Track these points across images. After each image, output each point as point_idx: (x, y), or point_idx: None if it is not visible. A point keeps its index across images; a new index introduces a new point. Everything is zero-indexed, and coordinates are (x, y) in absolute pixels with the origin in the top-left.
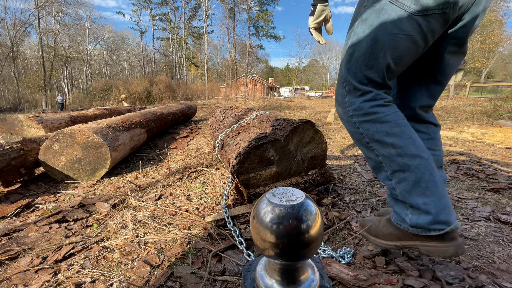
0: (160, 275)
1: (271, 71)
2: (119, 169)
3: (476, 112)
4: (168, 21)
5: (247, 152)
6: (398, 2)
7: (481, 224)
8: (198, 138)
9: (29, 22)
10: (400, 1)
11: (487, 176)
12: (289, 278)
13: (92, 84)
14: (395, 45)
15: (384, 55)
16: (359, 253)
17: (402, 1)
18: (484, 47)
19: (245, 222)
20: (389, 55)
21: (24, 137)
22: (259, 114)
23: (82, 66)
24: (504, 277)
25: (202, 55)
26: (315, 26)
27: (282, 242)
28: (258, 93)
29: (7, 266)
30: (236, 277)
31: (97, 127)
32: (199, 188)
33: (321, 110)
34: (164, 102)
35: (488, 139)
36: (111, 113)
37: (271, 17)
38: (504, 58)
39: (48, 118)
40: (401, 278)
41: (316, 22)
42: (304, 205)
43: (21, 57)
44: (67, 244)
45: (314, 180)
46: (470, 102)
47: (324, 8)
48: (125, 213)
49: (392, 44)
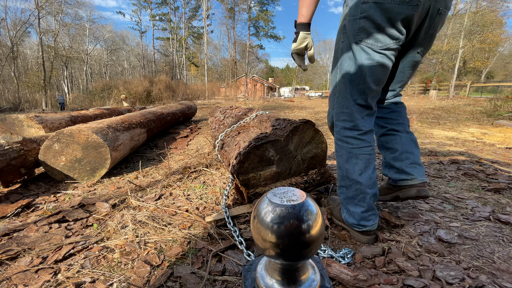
0: (160, 275)
1: (271, 71)
2: (119, 169)
3: (476, 112)
4: (168, 21)
5: (247, 152)
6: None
7: (481, 224)
8: (198, 138)
9: (29, 22)
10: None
11: (487, 176)
12: (290, 278)
13: (92, 84)
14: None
15: (364, 82)
16: (359, 253)
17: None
18: (484, 47)
19: (245, 222)
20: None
21: (24, 137)
22: (259, 114)
23: (82, 66)
24: (504, 277)
25: (202, 55)
26: (298, 52)
27: (283, 242)
28: (258, 93)
29: (7, 266)
30: (236, 277)
31: (97, 127)
32: (199, 188)
33: (321, 110)
34: (164, 102)
35: (488, 139)
36: (111, 113)
37: (271, 17)
38: (504, 58)
39: (48, 118)
40: (401, 278)
41: (298, 49)
42: (305, 205)
43: (21, 57)
44: (67, 244)
45: (314, 180)
46: (470, 102)
47: (306, 36)
48: (125, 213)
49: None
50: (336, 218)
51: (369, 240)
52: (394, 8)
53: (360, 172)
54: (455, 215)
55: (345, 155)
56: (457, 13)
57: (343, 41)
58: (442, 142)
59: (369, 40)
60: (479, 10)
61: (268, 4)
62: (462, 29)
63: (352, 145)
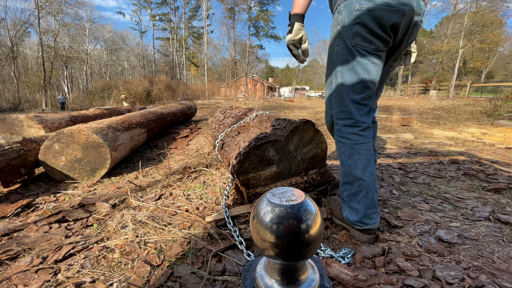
0: (160, 275)
1: (271, 71)
2: (119, 169)
3: (476, 112)
4: (168, 21)
5: (247, 152)
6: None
7: (481, 224)
8: (198, 138)
9: (29, 22)
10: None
11: (487, 176)
12: (289, 278)
13: (92, 84)
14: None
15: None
16: (359, 253)
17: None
18: (484, 47)
19: (245, 222)
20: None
21: (24, 137)
22: (259, 114)
23: (82, 66)
24: (504, 277)
25: (202, 55)
26: (293, 43)
27: (282, 242)
28: (258, 93)
29: (7, 266)
30: (236, 277)
31: (97, 127)
32: (199, 188)
33: (321, 110)
34: (164, 102)
35: (488, 139)
36: (111, 113)
37: (271, 17)
38: (504, 58)
39: (48, 118)
40: (401, 278)
41: (294, 40)
42: (304, 205)
43: (21, 57)
44: (67, 244)
45: (314, 180)
46: (470, 102)
47: (301, 27)
48: (125, 213)
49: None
50: (336, 217)
51: (370, 240)
52: (385, 15)
53: (363, 168)
54: (455, 215)
55: (347, 152)
56: (457, 13)
57: (338, 45)
58: (442, 142)
59: (363, 43)
60: (479, 10)
61: (268, 4)
62: (462, 29)
63: (354, 141)
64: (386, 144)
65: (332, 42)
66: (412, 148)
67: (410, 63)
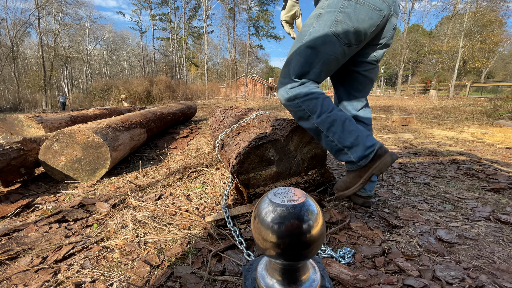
0: (160, 275)
1: (271, 71)
2: (119, 169)
3: (476, 112)
4: (168, 21)
5: (247, 152)
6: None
7: (481, 224)
8: (198, 138)
9: (29, 22)
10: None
11: (487, 176)
12: (290, 278)
13: (92, 84)
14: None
15: (319, 64)
16: (359, 253)
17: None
18: (484, 47)
19: (245, 222)
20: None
21: (24, 137)
22: (259, 114)
23: (82, 66)
24: (504, 277)
25: (202, 55)
26: (287, 19)
27: (283, 242)
28: (258, 93)
29: (7, 266)
30: (236, 277)
31: (97, 127)
32: (199, 188)
33: None
34: (164, 102)
35: (488, 139)
36: (111, 113)
37: (271, 17)
38: (504, 58)
39: (48, 118)
40: (401, 278)
41: (287, 16)
42: (305, 205)
43: (21, 57)
44: (67, 244)
45: (314, 180)
46: (470, 102)
47: (294, 4)
48: (125, 213)
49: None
50: (352, 184)
51: (392, 156)
52: (369, 12)
53: (331, 107)
54: (455, 215)
55: (318, 101)
56: (457, 13)
57: (315, 27)
58: (442, 142)
59: (340, 33)
60: (479, 10)
61: (268, 4)
62: (462, 29)
63: (317, 93)
64: (386, 144)
65: (309, 23)
66: (412, 148)
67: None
